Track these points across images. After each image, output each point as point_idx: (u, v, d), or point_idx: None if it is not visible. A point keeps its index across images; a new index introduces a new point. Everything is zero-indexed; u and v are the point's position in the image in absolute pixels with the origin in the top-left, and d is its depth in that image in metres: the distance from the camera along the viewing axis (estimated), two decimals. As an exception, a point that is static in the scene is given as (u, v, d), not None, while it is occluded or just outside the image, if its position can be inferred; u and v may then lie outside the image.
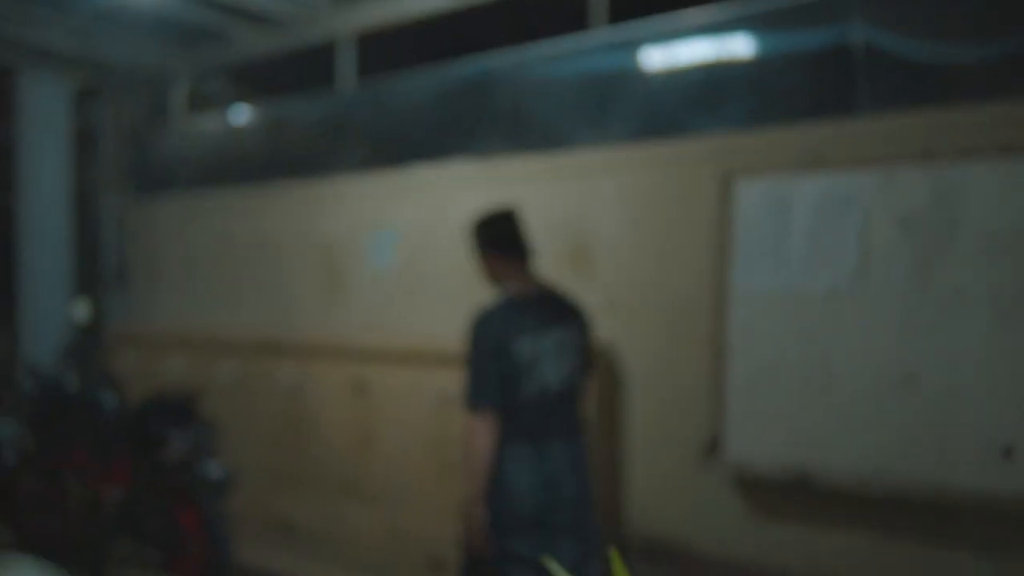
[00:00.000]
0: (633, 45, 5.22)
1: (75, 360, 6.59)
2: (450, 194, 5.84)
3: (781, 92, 4.70)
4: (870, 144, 4.29)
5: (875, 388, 4.13)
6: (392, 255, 6.14)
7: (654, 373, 5.01)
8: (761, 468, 4.45)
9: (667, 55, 5.11)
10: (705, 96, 4.94)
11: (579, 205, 5.31)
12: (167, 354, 7.39)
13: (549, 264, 5.37)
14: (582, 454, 3.88)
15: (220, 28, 7.24)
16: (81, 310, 6.39)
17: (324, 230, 6.64)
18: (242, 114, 7.72)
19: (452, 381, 4.95)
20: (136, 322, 8.31)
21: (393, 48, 6.86)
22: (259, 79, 8.14)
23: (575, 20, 5.57)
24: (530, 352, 3.73)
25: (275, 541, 6.10)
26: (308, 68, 7.36)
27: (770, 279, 4.46)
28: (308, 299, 6.75)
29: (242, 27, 7.23)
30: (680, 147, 4.94)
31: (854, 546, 4.31)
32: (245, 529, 5.69)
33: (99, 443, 5.69)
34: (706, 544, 4.79)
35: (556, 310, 3.93)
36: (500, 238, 3.95)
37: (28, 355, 7.34)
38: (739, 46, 4.86)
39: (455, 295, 5.68)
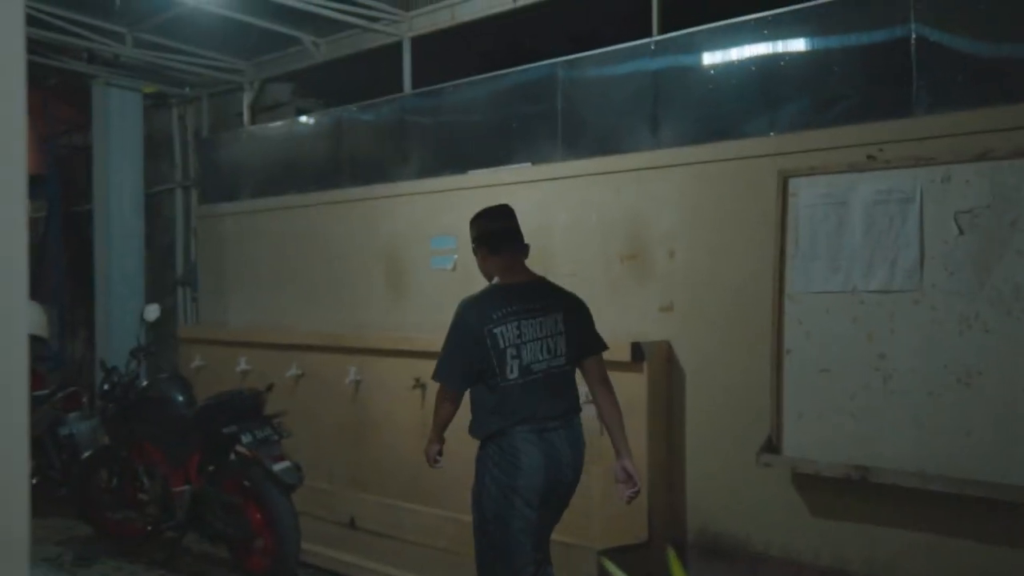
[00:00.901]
0: (687, 49, 5.25)
1: (147, 361, 6.79)
2: (508, 197, 5.92)
3: (837, 92, 4.71)
4: (927, 143, 4.28)
5: (933, 385, 4.13)
6: (452, 258, 6.25)
7: (709, 373, 5.04)
8: (818, 465, 4.48)
9: (721, 57, 5.13)
10: (761, 97, 4.96)
11: (636, 207, 5.36)
12: (235, 355, 7.59)
13: (607, 265, 5.43)
14: (579, 435, 4.03)
15: (285, 36, 7.42)
16: (153, 312, 6.60)
17: (386, 234, 6.77)
18: (306, 119, 7.89)
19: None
20: (205, 324, 8.53)
21: (448, 53, 6.99)
22: (321, 85, 8.32)
23: (633, 26, 5.64)
24: (512, 336, 3.89)
25: (339, 538, 6.23)
26: (368, 74, 7.51)
27: (826, 278, 4.48)
28: (371, 300, 6.88)
29: (306, 34, 7.40)
30: (736, 148, 4.97)
31: (911, 542, 4.31)
32: (310, 526, 5.82)
33: (171, 441, 5.86)
34: (763, 540, 4.81)
35: (543, 298, 4.03)
36: (488, 236, 4.07)
37: (103, 356, 7.58)
38: (796, 47, 4.87)
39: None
